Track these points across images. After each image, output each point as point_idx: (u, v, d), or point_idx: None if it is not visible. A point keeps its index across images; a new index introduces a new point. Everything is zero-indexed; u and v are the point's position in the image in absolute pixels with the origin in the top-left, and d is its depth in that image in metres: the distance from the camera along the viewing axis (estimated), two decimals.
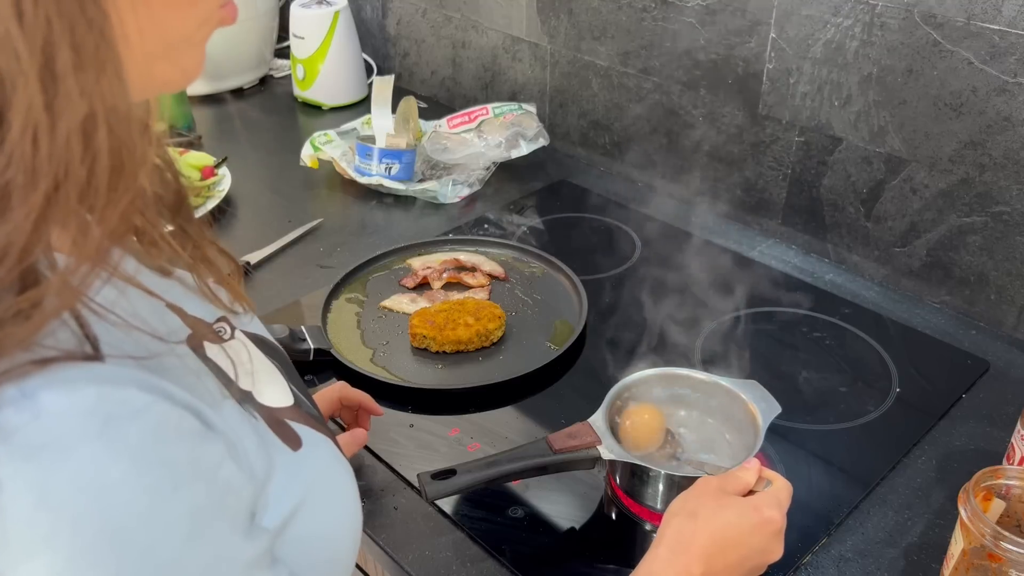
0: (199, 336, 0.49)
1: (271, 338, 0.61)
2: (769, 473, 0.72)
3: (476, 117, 1.42)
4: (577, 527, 0.82)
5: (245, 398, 0.49)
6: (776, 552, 0.69)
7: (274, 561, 0.45)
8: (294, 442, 0.50)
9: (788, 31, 1.12)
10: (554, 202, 1.37)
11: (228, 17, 0.45)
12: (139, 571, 0.37)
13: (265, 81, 1.85)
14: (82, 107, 0.35)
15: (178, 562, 0.38)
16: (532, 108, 1.45)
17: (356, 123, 1.51)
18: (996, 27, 0.94)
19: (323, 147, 1.43)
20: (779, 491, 0.70)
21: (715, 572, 0.64)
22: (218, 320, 0.53)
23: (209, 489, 0.40)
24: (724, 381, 0.85)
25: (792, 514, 0.81)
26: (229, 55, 1.74)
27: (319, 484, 0.50)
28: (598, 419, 0.80)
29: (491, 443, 0.90)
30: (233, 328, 0.53)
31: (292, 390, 0.55)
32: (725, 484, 0.69)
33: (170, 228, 0.51)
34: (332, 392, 0.87)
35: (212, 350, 0.49)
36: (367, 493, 0.86)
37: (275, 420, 0.50)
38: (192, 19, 0.42)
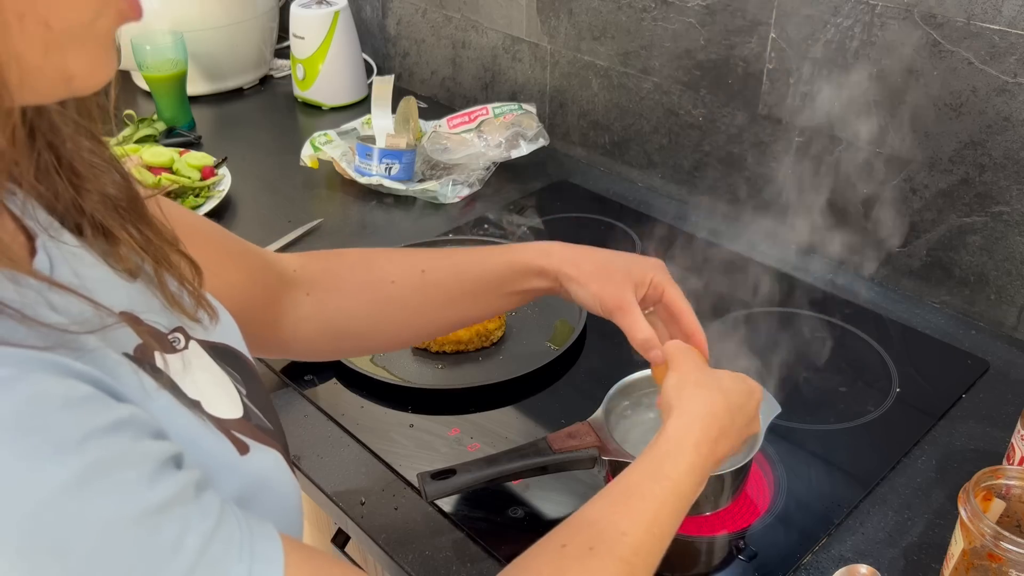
0: (150, 347, 0.49)
1: (239, 348, 0.60)
2: None
3: (476, 117, 1.42)
4: None
5: (193, 406, 0.49)
6: (756, 424, 0.73)
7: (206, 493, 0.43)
8: (241, 448, 0.50)
9: (788, 31, 1.12)
10: (554, 202, 1.37)
11: (130, 11, 0.42)
12: (29, 531, 0.36)
13: (265, 81, 1.85)
14: None
15: (75, 515, 0.37)
16: (532, 108, 1.45)
17: (356, 123, 1.51)
18: (996, 27, 0.94)
19: (323, 147, 1.43)
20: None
21: (728, 435, 0.68)
22: (174, 331, 0.52)
23: (102, 446, 0.38)
24: None
25: (792, 514, 0.82)
26: (229, 55, 1.74)
27: (262, 490, 0.50)
28: (598, 419, 0.80)
29: (491, 443, 0.90)
30: (189, 339, 0.53)
31: (244, 403, 0.54)
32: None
33: (133, 231, 0.51)
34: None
35: (162, 360, 0.49)
36: (367, 493, 0.86)
37: (223, 429, 0.50)
38: (84, 6, 0.39)
